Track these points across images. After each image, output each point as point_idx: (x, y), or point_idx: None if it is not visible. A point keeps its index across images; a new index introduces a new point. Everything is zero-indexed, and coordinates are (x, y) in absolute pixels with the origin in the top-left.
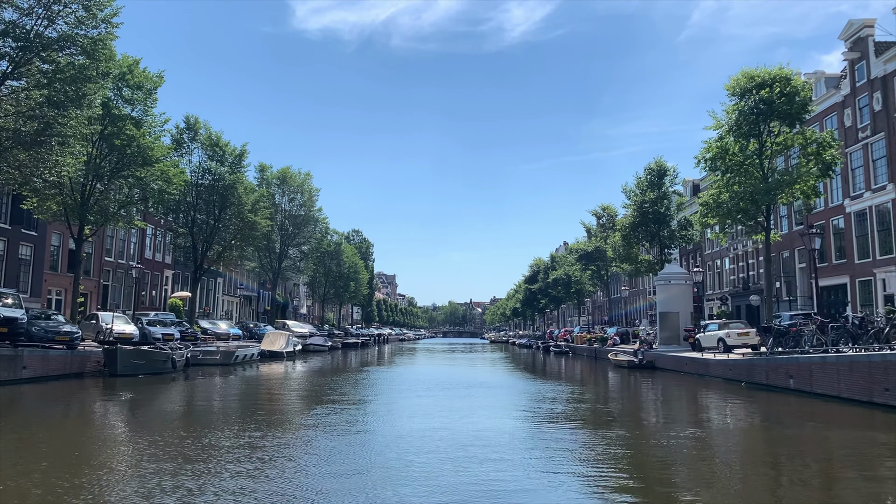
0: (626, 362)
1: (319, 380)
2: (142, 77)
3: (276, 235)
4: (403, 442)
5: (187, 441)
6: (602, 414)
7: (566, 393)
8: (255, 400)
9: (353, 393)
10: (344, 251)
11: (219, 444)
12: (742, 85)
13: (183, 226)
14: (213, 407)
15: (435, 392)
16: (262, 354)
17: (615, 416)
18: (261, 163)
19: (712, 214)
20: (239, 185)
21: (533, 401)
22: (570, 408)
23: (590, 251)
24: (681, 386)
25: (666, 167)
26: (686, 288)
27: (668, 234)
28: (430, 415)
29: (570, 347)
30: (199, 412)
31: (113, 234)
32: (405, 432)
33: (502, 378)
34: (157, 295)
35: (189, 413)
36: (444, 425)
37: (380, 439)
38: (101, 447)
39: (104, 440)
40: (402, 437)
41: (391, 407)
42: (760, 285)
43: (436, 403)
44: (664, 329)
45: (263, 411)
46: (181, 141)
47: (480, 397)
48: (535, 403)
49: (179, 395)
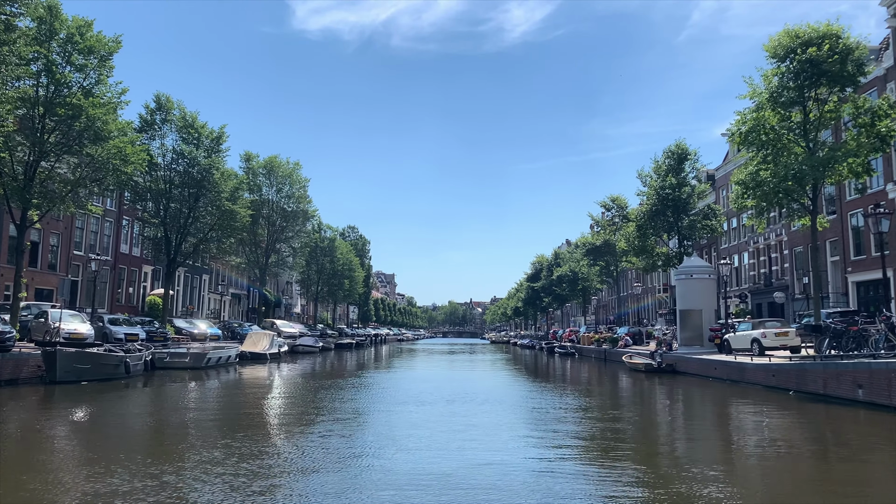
0: (642, 366)
1: (298, 388)
2: (93, 41)
3: (262, 229)
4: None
5: (69, 488)
6: (634, 440)
7: (580, 406)
8: (201, 417)
9: (331, 408)
10: (338, 247)
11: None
12: (784, 44)
13: (155, 215)
14: (138, 429)
15: (429, 408)
16: (244, 356)
17: (653, 446)
18: (247, 151)
19: (750, 195)
20: (215, 170)
21: (544, 421)
22: (588, 428)
23: (598, 245)
24: (714, 395)
25: (688, 150)
26: (709, 283)
27: (688, 223)
28: (421, 447)
29: (575, 348)
30: (112, 438)
31: (83, 225)
32: (390, 476)
33: (505, 386)
34: (134, 292)
35: (100, 440)
36: (438, 466)
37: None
38: None
39: None
40: (386, 482)
41: (373, 432)
42: (784, 281)
43: (429, 428)
44: (685, 329)
45: (200, 435)
46: (152, 122)
47: (481, 414)
48: (546, 424)
49: (113, 410)
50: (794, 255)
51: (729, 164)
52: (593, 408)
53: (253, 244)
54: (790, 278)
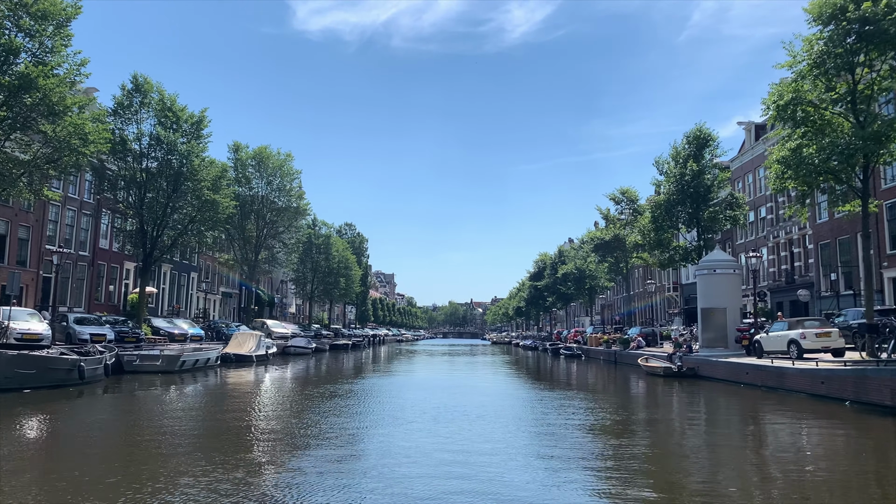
0: (660, 369)
1: (274, 398)
2: (48, 4)
3: (252, 223)
4: None
5: None
6: (682, 471)
7: (597, 424)
8: (136, 439)
9: (310, 425)
10: (334, 244)
11: None
12: (832, 3)
13: (130, 206)
14: (50, 453)
15: (425, 427)
16: (228, 358)
17: (711, 484)
18: (235, 142)
19: (792, 175)
20: (195, 156)
21: (555, 445)
22: (617, 461)
23: (607, 240)
24: (754, 405)
25: (710, 135)
26: (734, 278)
27: (708, 214)
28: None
29: (582, 350)
30: (9, 465)
31: (57, 217)
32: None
33: (509, 395)
34: (115, 290)
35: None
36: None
37: None
38: None
39: None
40: None
41: (356, 464)
42: (808, 277)
43: (426, 457)
44: (707, 329)
45: (123, 463)
46: (128, 105)
47: (482, 441)
48: (557, 449)
49: (37, 426)
50: (819, 249)
51: (745, 154)
52: (615, 425)
53: (242, 239)
54: (815, 275)
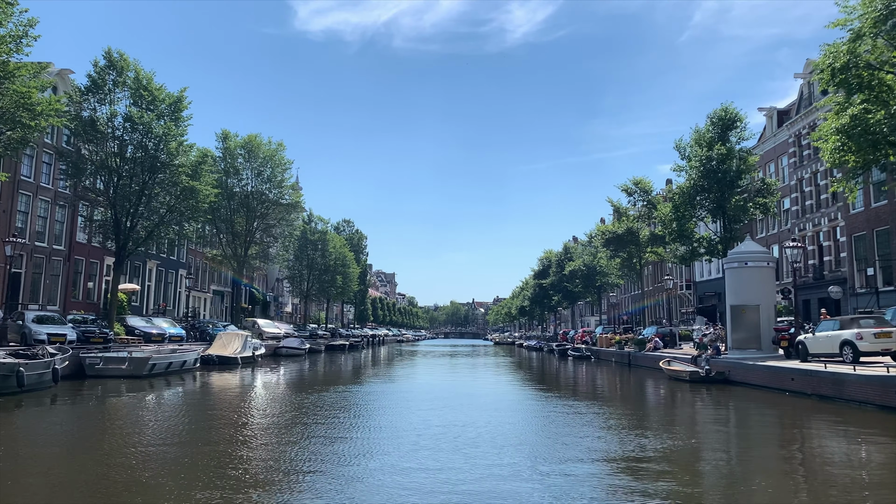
0: (686, 374)
1: (244, 411)
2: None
3: (241, 217)
4: None
5: None
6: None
7: (630, 452)
8: (36, 471)
9: (268, 458)
10: (330, 240)
11: None
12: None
13: (100, 193)
14: None
15: (422, 454)
16: (211, 361)
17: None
18: (224, 130)
19: (851, 147)
20: (172, 139)
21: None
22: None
23: (620, 233)
24: (811, 420)
25: (736, 115)
26: (768, 272)
27: (737, 202)
28: None
29: (591, 351)
30: None
31: (28, 208)
32: None
33: (517, 407)
34: (94, 287)
35: None
36: None
37: None
38: None
39: None
40: None
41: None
42: (840, 273)
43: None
44: (737, 329)
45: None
46: (102, 84)
47: (492, 480)
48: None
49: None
50: (853, 242)
51: (766, 142)
52: (659, 458)
53: (231, 233)
54: (848, 270)
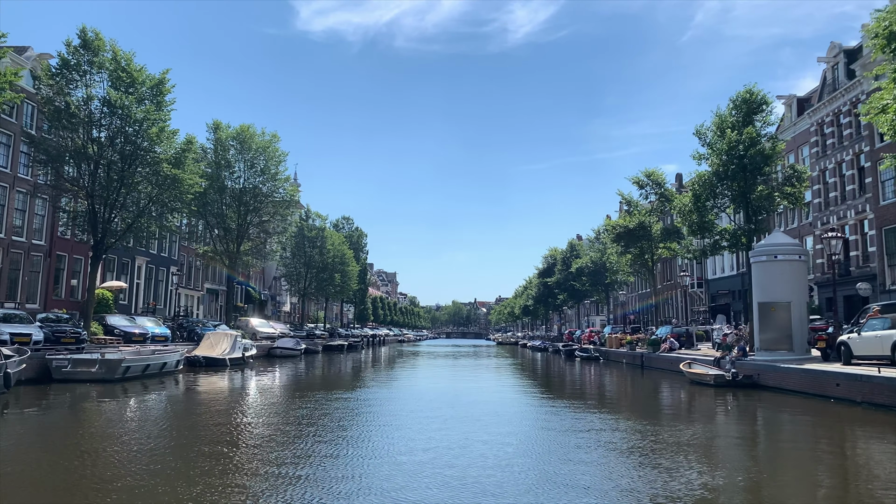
0: (710, 378)
1: (218, 424)
2: None
3: (232, 210)
4: None
5: None
6: None
7: (673, 484)
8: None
9: (231, 491)
10: (328, 237)
11: None
12: None
13: (74, 182)
14: None
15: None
16: (197, 362)
17: None
18: (215, 121)
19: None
20: (152, 124)
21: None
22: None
23: (632, 228)
24: (873, 438)
25: (763, 98)
26: (800, 266)
27: (764, 192)
28: None
29: (600, 352)
30: None
31: (4, 201)
32: None
33: (522, 421)
34: (78, 285)
35: None
36: None
37: None
38: None
39: None
40: None
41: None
42: (868, 269)
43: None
44: (766, 328)
45: None
46: (76, 65)
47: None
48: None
49: None
50: (883, 236)
51: (786, 131)
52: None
53: (222, 228)
54: (878, 265)
